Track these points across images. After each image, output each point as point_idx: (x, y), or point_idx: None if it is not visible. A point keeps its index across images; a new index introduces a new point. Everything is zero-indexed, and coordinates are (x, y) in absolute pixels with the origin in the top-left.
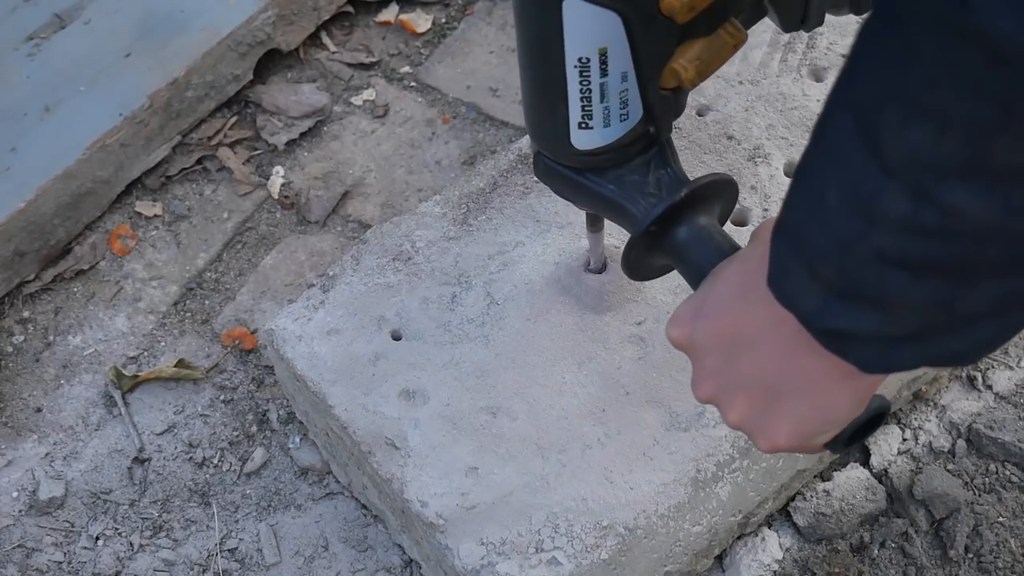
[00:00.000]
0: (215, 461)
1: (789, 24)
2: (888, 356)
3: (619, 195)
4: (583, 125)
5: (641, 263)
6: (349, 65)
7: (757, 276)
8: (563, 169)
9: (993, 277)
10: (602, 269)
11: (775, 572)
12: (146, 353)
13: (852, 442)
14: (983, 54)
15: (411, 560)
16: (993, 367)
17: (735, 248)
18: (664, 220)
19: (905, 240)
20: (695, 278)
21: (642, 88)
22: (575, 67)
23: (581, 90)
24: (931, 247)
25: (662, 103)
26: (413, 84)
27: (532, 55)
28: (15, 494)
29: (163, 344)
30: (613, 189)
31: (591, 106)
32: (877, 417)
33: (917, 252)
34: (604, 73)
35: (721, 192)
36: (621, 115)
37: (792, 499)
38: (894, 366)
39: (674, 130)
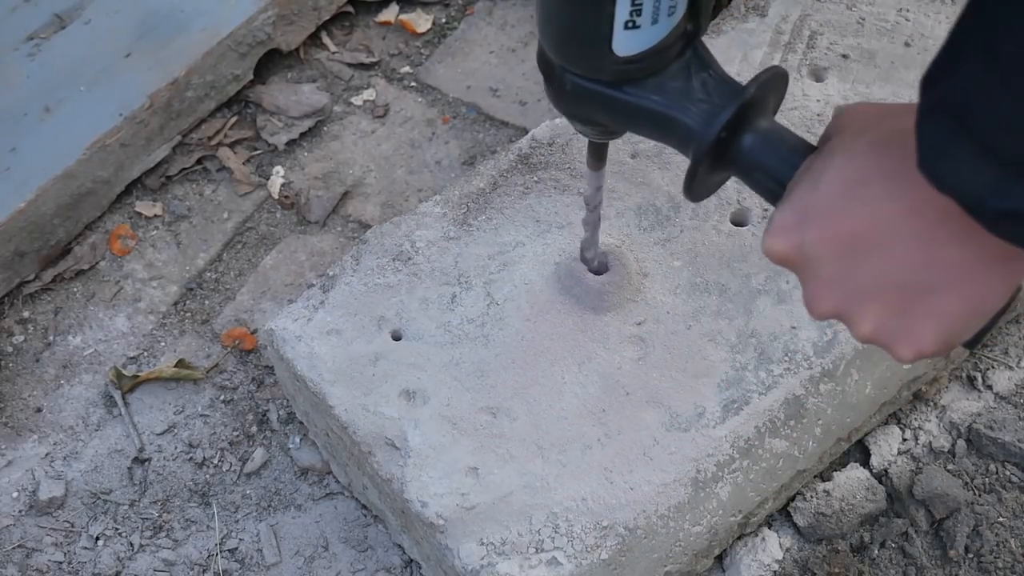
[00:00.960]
0: (215, 461)
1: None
2: None
3: (666, 106)
4: (630, 24)
5: (704, 182)
6: (349, 65)
7: (873, 169)
8: (596, 86)
9: None
10: (596, 216)
11: (775, 572)
12: (146, 353)
13: (985, 335)
14: None
15: (411, 560)
16: (993, 367)
17: (809, 147)
18: (729, 127)
19: None
20: (771, 186)
21: None
22: None
23: None
24: None
25: None
26: (413, 84)
27: None
28: (15, 494)
29: (163, 344)
30: (657, 100)
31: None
32: (1012, 300)
33: None
34: None
35: (776, 87)
36: (670, 7)
37: (792, 499)
38: None
39: None
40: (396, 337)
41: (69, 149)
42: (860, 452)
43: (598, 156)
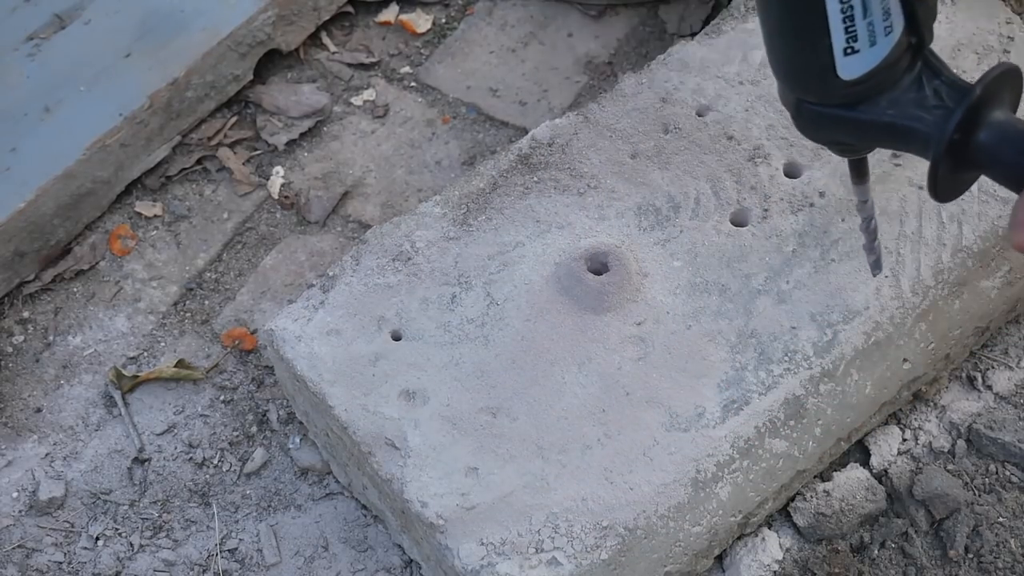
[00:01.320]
0: (215, 461)
1: None
2: None
3: (901, 118)
4: (849, 50)
5: (948, 182)
6: (349, 65)
7: None
8: (832, 110)
9: None
10: (869, 225)
11: (775, 572)
12: (146, 353)
13: None
14: None
15: (411, 560)
16: (993, 367)
17: None
18: (963, 127)
19: None
20: (1015, 179)
21: None
22: None
23: (843, 9)
24: None
25: (923, 6)
26: (413, 84)
27: None
28: (15, 494)
29: (163, 344)
30: (892, 113)
31: (855, 26)
32: None
33: None
34: None
35: (1010, 82)
36: (885, 28)
37: (792, 499)
38: None
39: (674, 130)
40: (396, 337)
41: (69, 149)
42: (860, 452)
43: (859, 172)
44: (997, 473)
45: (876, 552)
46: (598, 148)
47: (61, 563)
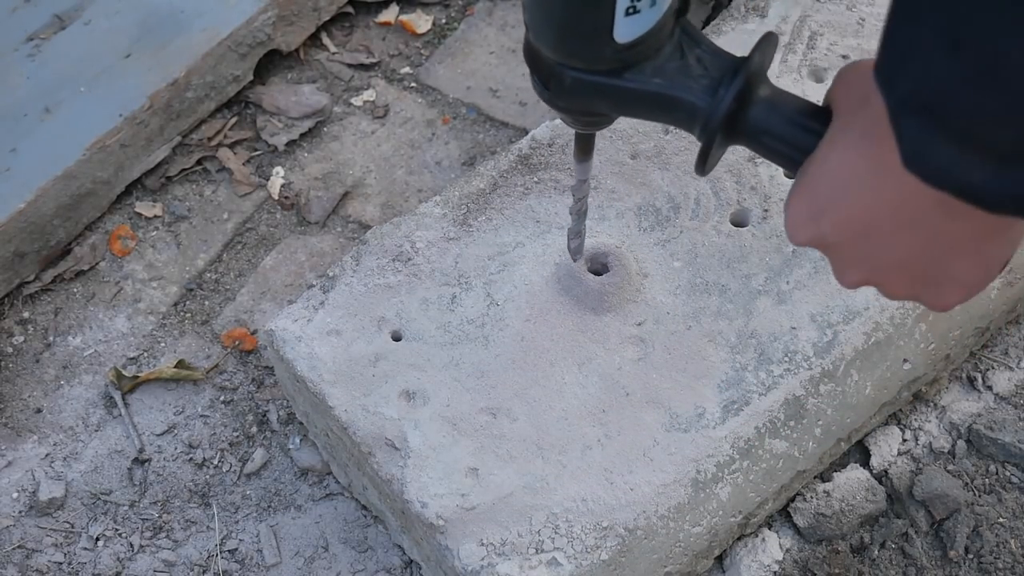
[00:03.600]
0: (215, 462)
1: None
2: None
3: (667, 87)
4: (631, 10)
5: (715, 157)
6: (349, 66)
7: (867, 161)
8: (596, 77)
9: None
10: (582, 206)
11: (775, 573)
12: (146, 354)
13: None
14: None
15: (411, 561)
16: (993, 368)
17: (812, 108)
18: (738, 99)
19: None
20: (782, 150)
21: None
22: None
23: None
24: None
25: None
26: (413, 85)
27: None
28: (15, 495)
29: (163, 345)
30: (659, 82)
31: None
32: None
33: None
34: None
35: (768, 50)
36: None
37: (792, 500)
38: None
39: (674, 131)
40: (396, 338)
41: (69, 150)
42: (860, 453)
43: (585, 148)
44: (997, 473)
45: (876, 552)
46: (598, 148)
47: (61, 563)
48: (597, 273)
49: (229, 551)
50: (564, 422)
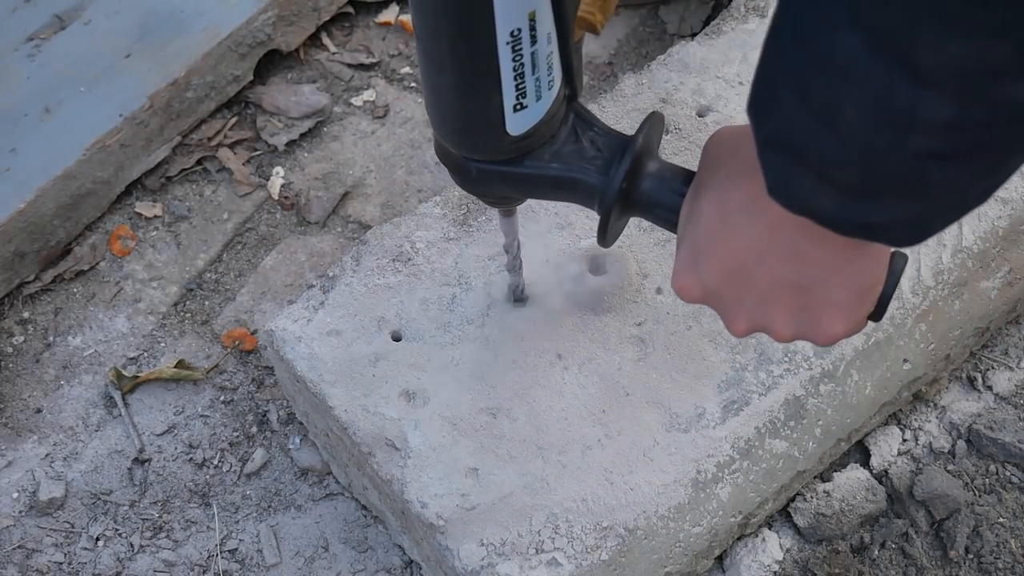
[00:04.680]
0: (215, 462)
1: None
2: (924, 230)
3: (565, 170)
4: (518, 106)
5: (615, 228)
6: (349, 66)
7: (731, 197)
8: (499, 167)
9: None
10: (516, 268)
11: (775, 573)
12: (146, 354)
13: (886, 305)
14: None
15: (411, 561)
16: (993, 368)
17: (691, 176)
18: (628, 177)
19: (949, 137)
20: (671, 219)
21: (562, 46)
22: (507, 43)
23: (515, 67)
24: (980, 136)
25: (576, 57)
26: (413, 85)
27: (456, 46)
28: (15, 495)
29: (163, 345)
30: (556, 167)
31: (524, 82)
32: (900, 272)
33: (963, 144)
34: (534, 40)
35: (657, 131)
36: (549, 82)
37: (792, 500)
38: (929, 236)
39: (675, 131)
40: (396, 338)
41: (69, 150)
42: (860, 453)
43: (507, 211)
44: (997, 473)
45: (876, 552)
46: None
47: (61, 563)
48: (597, 273)
49: (229, 551)
50: (564, 422)
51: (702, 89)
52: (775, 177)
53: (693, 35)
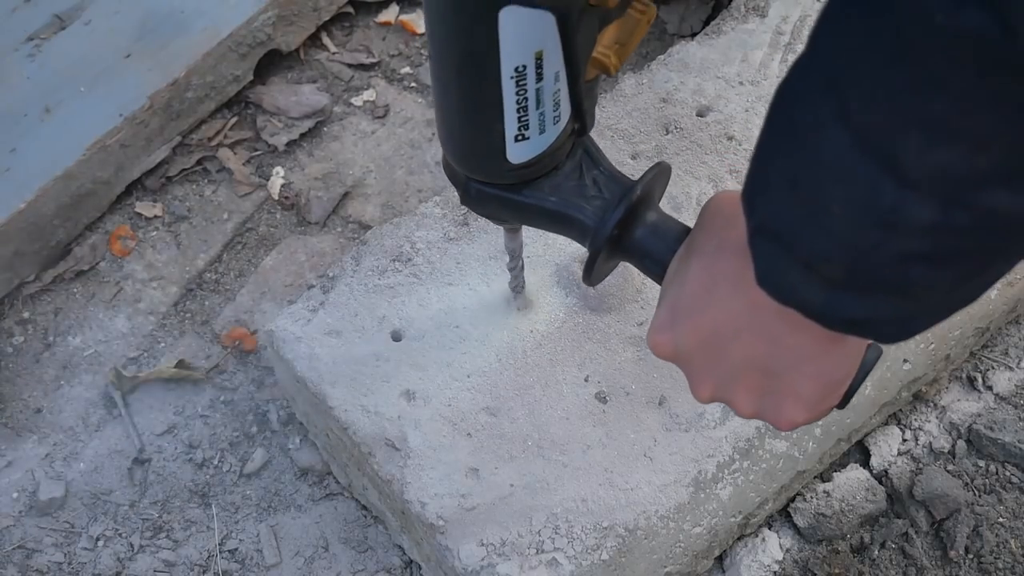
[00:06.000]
0: (215, 462)
1: None
2: (909, 328)
3: (562, 205)
4: (520, 137)
5: (601, 269)
6: (349, 66)
7: (720, 268)
8: (497, 191)
9: (1022, 245)
10: (520, 286)
11: (775, 573)
12: (146, 354)
13: (851, 397)
14: None
15: (411, 561)
16: (993, 368)
17: (685, 233)
18: (621, 224)
19: (933, 241)
20: (659, 272)
21: (572, 85)
22: (511, 78)
23: (518, 101)
24: (963, 241)
25: (588, 96)
26: (413, 85)
27: (462, 74)
28: (15, 495)
29: (163, 345)
30: (554, 200)
31: (527, 115)
32: (874, 363)
33: (947, 247)
34: (540, 78)
35: (661, 181)
36: (554, 117)
37: (792, 500)
38: (912, 334)
39: (675, 131)
40: (396, 338)
41: (69, 150)
42: (860, 453)
43: (511, 229)
44: (997, 474)
45: (876, 552)
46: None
47: (61, 563)
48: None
49: (229, 551)
50: (564, 422)
51: (702, 89)
52: (764, 265)
53: (693, 35)
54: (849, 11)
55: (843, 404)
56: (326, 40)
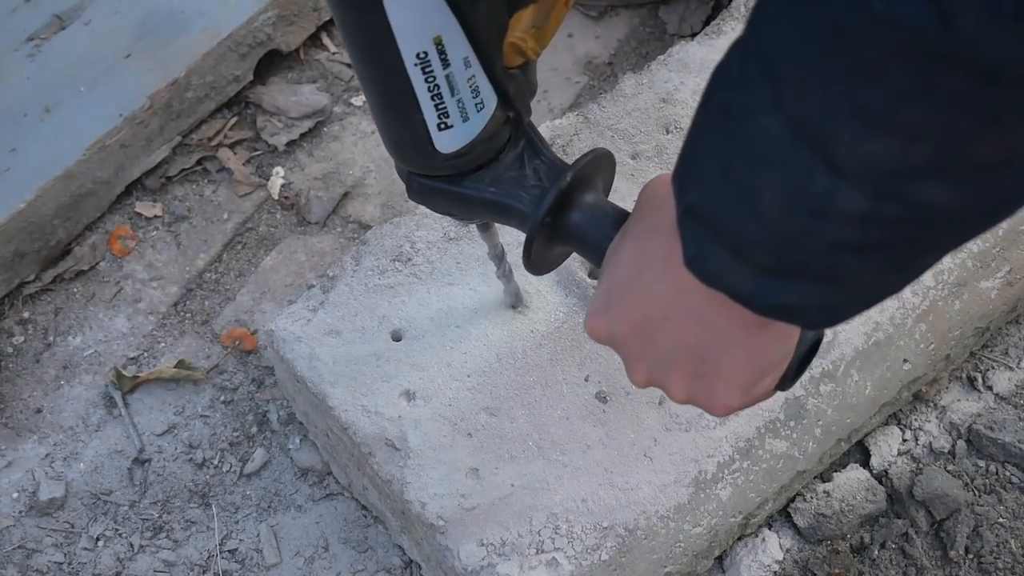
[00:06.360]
0: (215, 462)
1: None
2: (835, 315)
3: (502, 195)
4: (442, 126)
5: (541, 257)
6: (349, 66)
7: (650, 251)
8: (438, 183)
9: (954, 234)
10: (505, 271)
11: (775, 573)
12: (146, 354)
13: (799, 375)
14: (973, 76)
15: (411, 561)
16: (993, 368)
17: (624, 218)
18: (555, 209)
19: (863, 231)
20: (599, 257)
21: (488, 70)
22: (415, 65)
23: (429, 88)
24: (893, 233)
25: (514, 83)
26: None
27: (368, 65)
28: (15, 495)
29: (163, 345)
30: (494, 191)
31: (444, 103)
32: (816, 345)
33: (876, 238)
34: (446, 63)
35: (601, 166)
36: (476, 104)
37: (792, 500)
38: (839, 321)
39: (675, 131)
40: (396, 338)
41: (69, 150)
42: (860, 453)
43: (483, 225)
44: (997, 474)
45: (876, 553)
46: None
47: (61, 564)
48: (595, 275)
49: (229, 551)
50: (564, 422)
51: (702, 89)
52: (692, 248)
53: (693, 35)
54: None
55: (785, 386)
56: (326, 40)
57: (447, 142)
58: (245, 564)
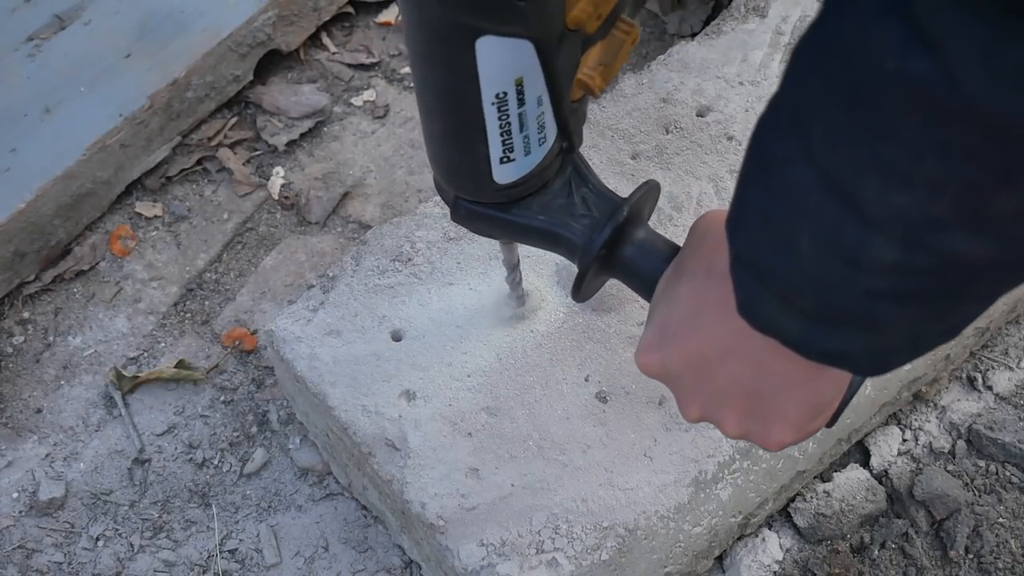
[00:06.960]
0: (215, 462)
1: (666, 7)
2: (884, 363)
3: (551, 224)
4: (505, 159)
5: (591, 286)
6: (349, 66)
7: (709, 293)
8: (486, 209)
9: (988, 284)
10: (520, 291)
11: (775, 573)
12: (146, 354)
13: (838, 417)
14: (982, 132)
15: (411, 561)
16: (993, 368)
17: (674, 252)
18: (609, 243)
19: (897, 279)
20: (648, 291)
21: (556, 107)
22: (493, 104)
23: (500, 125)
24: (926, 282)
25: (574, 116)
26: (413, 85)
27: (443, 101)
28: (15, 495)
29: (163, 345)
30: (543, 219)
31: (511, 139)
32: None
33: (911, 287)
34: (521, 103)
35: (651, 199)
36: (539, 139)
37: (792, 500)
38: (891, 368)
39: (675, 131)
40: (396, 338)
41: (69, 150)
42: (860, 453)
43: (507, 241)
44: (997, 474)
45: (876, 553)
46: (599, 148)
47: (61, 563)
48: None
49: (229, 551)
50: (564, 422)
51: (702, 89)
52: (744, 294)
53: (693, 35)
54: (810, 53)
55: (832, 423)
56: (326, 40)
57: (506, 174)
58: (245, 564)
